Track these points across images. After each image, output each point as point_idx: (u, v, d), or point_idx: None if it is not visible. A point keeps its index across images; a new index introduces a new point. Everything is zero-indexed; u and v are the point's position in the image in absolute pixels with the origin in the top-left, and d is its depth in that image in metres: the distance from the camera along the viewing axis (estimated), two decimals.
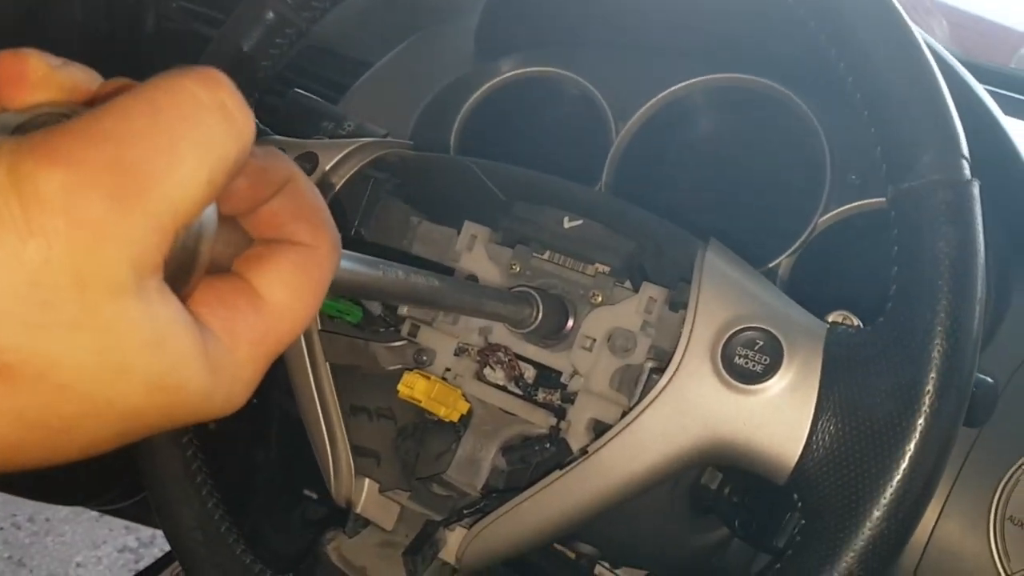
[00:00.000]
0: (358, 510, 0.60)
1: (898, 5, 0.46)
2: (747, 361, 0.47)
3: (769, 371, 0.47)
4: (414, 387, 0.60)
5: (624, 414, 0.58)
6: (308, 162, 0.63)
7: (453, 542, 0.57)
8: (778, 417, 0.46)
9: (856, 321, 0.50)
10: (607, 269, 0.63)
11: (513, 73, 0.85)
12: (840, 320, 0.50)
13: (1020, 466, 0.61)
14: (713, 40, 0.80)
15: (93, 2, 1.02)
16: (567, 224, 0.64)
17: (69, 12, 1.00)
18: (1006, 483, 0.61)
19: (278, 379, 0.83)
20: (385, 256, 0.66)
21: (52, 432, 0.23)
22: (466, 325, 0.65)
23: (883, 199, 0.70)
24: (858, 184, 0.73)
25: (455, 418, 0.62)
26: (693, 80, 0.79)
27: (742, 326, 0.48)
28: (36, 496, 1.36)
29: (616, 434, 0.51)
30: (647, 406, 0.50)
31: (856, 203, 0.72)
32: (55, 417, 0.23)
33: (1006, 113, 0.73)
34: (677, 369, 0.49)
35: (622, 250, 0.62)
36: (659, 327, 0.60)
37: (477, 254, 0.66)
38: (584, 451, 0.53)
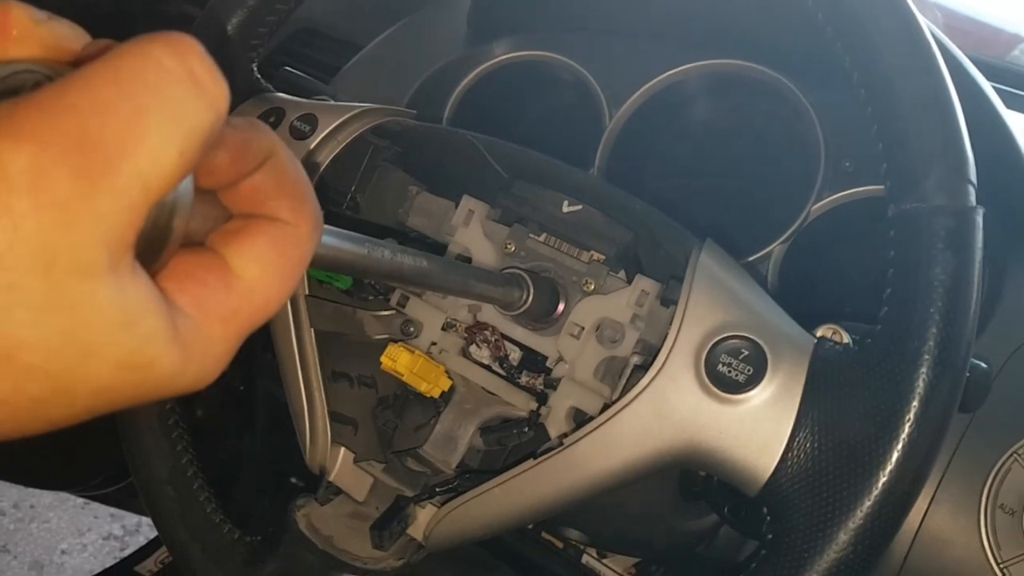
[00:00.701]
0: (331, 478, 0.59)
1: (920, 18, 0.45)
2: (730, 370, 0.47)
3: (751, 382, 0.46)
4: (397, 360, 0.60)
5: (605, 406, 0.58)
6: (307, 123, 0.62)
7: (423, 519, 0.57)
8: (756, 429, 0.45)
9: (846, 337, 0.49)
10: (602, 258, 0.62)
11: (506, 57, 0.84)
12: (829, 335, 0.49)
13: (1011, 455, 0.61)
14: (708, 26, 0.80)
15: None
16: (566, 208, 0.63)
17: None
18: (997, 471, 0.61)
19: (265, 366, 0.83)
20: (379, 225, 0.66)
21: (20, 410, 0.23)
22: (456, 300, 0.64)
23: (876, 187, 0.71)
24: (851, 171, 0.73)
25: (436, 394, 0.61)
26: (687, 66, 0.78)
27: (728, 334, 0.47)
28: (20, 480, 1.35)
29: (593, 429, 0.51)
30: (626, 404, 0.50)
31: (849, 191, 0.72)
32: (23, 397, 0.23)
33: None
34: (660, 370, 0.49)
35: (618, 240, 0.62)
36: (649, 321, 0.59)
37: (473, 230, 0.65)
38: (561, 441, 0.52)
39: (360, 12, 1.03)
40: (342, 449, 0.60)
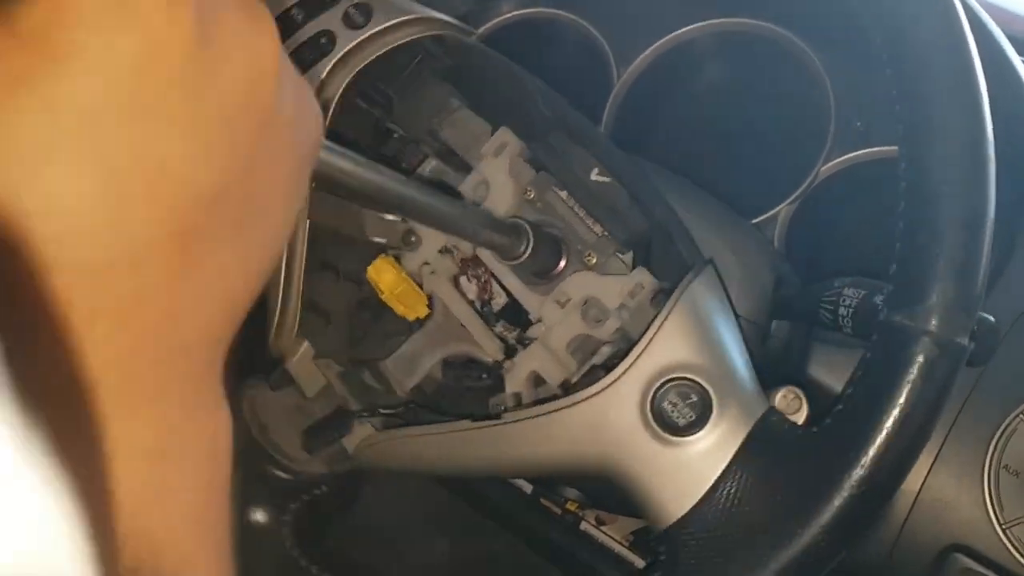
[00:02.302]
0: (287, 366, 0.61)
1: (988, 128, 0.42)
2: (674, 410, 0.47)
3: (690, 428, 0.46)
4: (381, 276, 0.60)
5: (565, 381, 0.58)
6: (362, 14, 0.60)
7: (358, 434, 0.58)
8: (677, 475, 0.46)
9: (804, 405, 0.48)
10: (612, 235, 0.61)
11: (515, 14, 0.81)
12: (789, 399, 0.48)
13: (1017, 415, 0.60)
14: None
15: None
16: (595, 176, 0.62)
17: None
18: (1003, 431, 0.61)
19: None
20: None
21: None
22: None
23: (887, 147, 0.70)
24: (862, 131, 0.72)
25: (411, 318, 0.62)
26: (697, 24, 0.76)
27: (684, 375, 0.47)
28: None
29: (530, 416, 0.51)
30: (570, 405, 0.50)
31: (860, 151, 0.72)
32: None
33: None
34: (609, 386, 0.49)
35: (633, 225, 0.60)
36: (634, 314, 0.58)
37: (500, 163, 0.64)
38: (499, 415, 0.53)
39: None
40: (305, 342, 0.61)
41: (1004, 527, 0.59)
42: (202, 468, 0.27)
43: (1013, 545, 0.59)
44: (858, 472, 0.41)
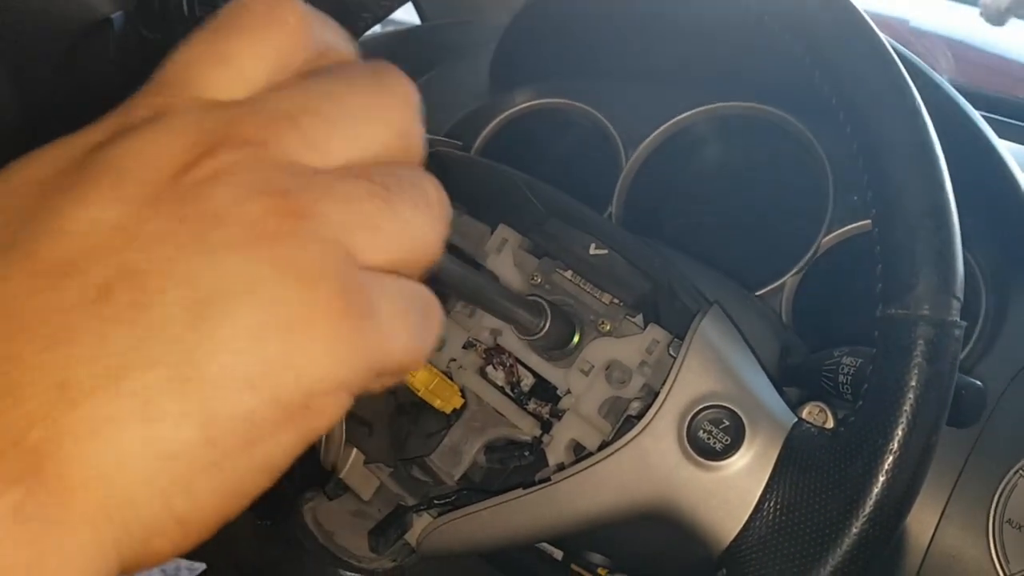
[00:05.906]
0: (341, 475, 0.64)
1: (932, 132, 0.47)
2: (709, 437, 0.50)
3: (727, 451, 0.49)
4: (415, 375, 0.64)
5: (603, 443, 0.61)
6: None
7: (418, 526, 0.61)
8: (725, 496, 0.49)
9: (829, 417, 0.52)
10: (620, 302, 0.66)
11: (527, 104, 0.89)
12: (815, 412, 0.52)
13: (1017, 470, 0.62)
14: (718, 69, 0.83)
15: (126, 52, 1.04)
16: (593, 251, 0.67)
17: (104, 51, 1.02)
18: (1004, 486, 0.63)
19: None
20: None
21: None
22: (479, 322, 0.68)
23: None
24: (858, 205, 0.75)
25: (448, 410, 0.66)
26: (699, 109, 0.82)
27: (713, 403, 0.51)
28: None
29: (578, 471, 0.54)
30: (611, 453, 0.53)
31: (857, 223, 0.76)
32: None
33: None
34: (645, 428, 0.52)
35: (637, 289, 0.65)
36: (655, 368, 0.62)
37: (504, 257, 0.69)
38: (549, 477, 0.56)
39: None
40: (354, 450, 0.65)
41: None
42: None
43: None
44: (890, 457, 0.44)
